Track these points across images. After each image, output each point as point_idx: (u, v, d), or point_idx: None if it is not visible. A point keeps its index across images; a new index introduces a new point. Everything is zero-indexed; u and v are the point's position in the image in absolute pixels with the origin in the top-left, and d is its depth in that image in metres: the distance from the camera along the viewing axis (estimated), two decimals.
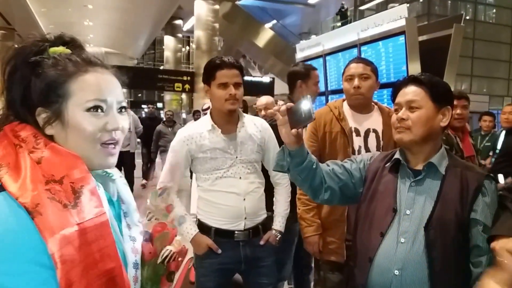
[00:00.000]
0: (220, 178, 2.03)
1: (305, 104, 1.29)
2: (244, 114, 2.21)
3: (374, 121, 2.21)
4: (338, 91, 5.63)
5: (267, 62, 14.97)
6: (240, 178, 2.02)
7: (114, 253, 0.81)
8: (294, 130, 1.35)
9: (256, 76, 18.36)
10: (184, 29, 21.59)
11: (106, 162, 0.89)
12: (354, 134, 2.17)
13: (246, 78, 15.99)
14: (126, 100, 0.96)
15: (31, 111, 0.86)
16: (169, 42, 20.93)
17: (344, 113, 2.22)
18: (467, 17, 18.05)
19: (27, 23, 20.49)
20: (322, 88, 5.68)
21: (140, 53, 29.40)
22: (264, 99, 4.15)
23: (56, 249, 0.73)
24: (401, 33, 4.35)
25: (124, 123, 0.91)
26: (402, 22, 4.32)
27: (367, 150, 2.16)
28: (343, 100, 2.28)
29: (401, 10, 4.44)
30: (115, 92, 0.90)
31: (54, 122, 0.85)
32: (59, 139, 0.86)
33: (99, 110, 0.86)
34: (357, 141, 2.17)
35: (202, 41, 11.74)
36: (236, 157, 2.05)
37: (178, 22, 20.69)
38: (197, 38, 11.96)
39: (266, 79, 16.50)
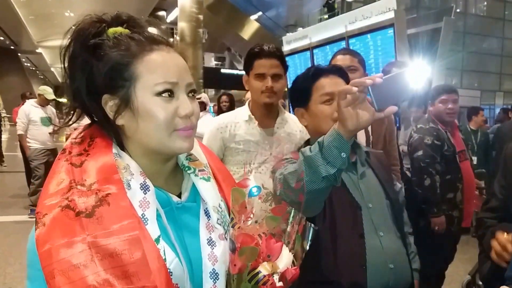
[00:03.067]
0: (250, 173, 1.91)
1: (405, 76, 0.95)
2: (285, 111, 2.07)
3: None
4: None
5: None
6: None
7: (145, 270, 0.72)
8: (377, 113, 0.98)
9: (242, 70, 18.16)
10: (168, 20, 21.26)
11: (184, 145, 0.82)
12: None
13: (231, 71, 15.80)
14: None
15: (97, 100, 0.81)
16: None
17: None
18: (458, 10, 18.06)
19: (7, 14, 20.14)
20: None
21: None
22: None
23: (45, 263, 0.71)
24: (390, 25, 4.26)
25: (196, 107, 0.84)
26: (391, 15, 4.23)
27: None
28: None
29: (390, 2, 4.32)
30: (184, 73, 0.82)
31: (124, 110, 0.80)
32: (130, 129, 0.82)
33: (169, 94, 0.79)
34: None
35: (186, 33, 11.50)
36: (271, 153, 1.93)
37: (162, 13, 20.38)
38: (181, 29, 11.71)
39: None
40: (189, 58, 0.90)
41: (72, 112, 0.85)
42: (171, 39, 0.88)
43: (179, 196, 0.88)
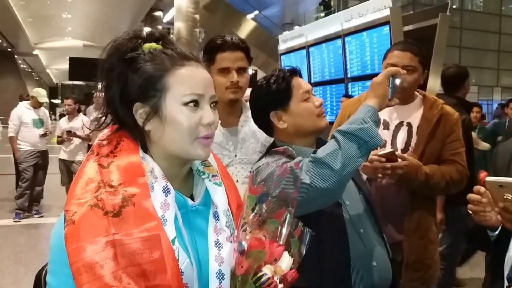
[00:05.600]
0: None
1: (394, 82, 1.32)
2: (249, 106, 1.97)
3: (412, 113, 1.94)
4: (322, 83, 5.51)
5: None
6: (237, 181, 1.67)
7: (162, 269, 0.77)
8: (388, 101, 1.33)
9: None
10: (164, 20, 21.24)
11: (202, 153, 0.89)
12: (382, 126, 1.92)
13: None
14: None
15: (129, 108, 0.88)
16: None
17: None
18: (454, 6, 18.05)
19: (5, 16, 20.09)
20: (305, 80, 5.57)
21: None
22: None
23: (73, 260, 0.75)
24: (386, 23, 4.27)
25: (217, 118, 0.92)
26: (387, 12, 4.23)
27: (394, 145, 1.92)
28: None
29: (385, 0, 4.32)
30: (209, 86, 0.91)
31: (152, 117, 0.87)
32: (155, 134, 0.89)
33: (195, 104, 0.87)
34: (383, 135, 1.90)
35: (182, 33, 11.49)
36: (235, 155, 1.75)
37: (158, 13, 20.36)
38: (178, 29, 11.70)
39: (249, 71, 16.28)
40: None
41: (104, 117, 0.93)
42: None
43: (190, 197, 0.94)
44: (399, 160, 1.72)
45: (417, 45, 1.93)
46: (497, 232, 1.35)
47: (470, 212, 1.30)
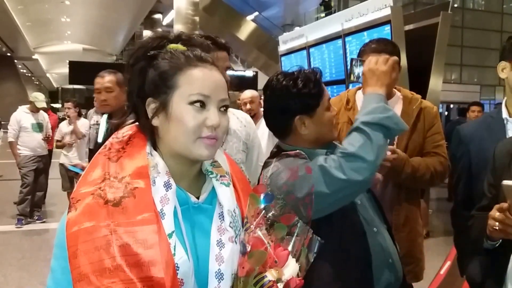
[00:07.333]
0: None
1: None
2: None
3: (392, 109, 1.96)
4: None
5: (250, 55, 14.73)
6: None
7: (155, 262, 0.78)
8: None
9: (238, 70, 18.14)
10: (164, 23, 21.25)
11: (205, 153, 0.89)
12: None
13: (228, 72, 15.71)
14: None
15: (143, 102, 0.92)
16: None
17: (355, 101, 2.00)
18: (455, 5, 18.01)
19: (4, 21, 20.11)
20: None
21: (119, 49, 28.96)
22: (249, 93, 4.03)
23: (70, 244, 0.79)
24: (387, 22, 4.23)
25: (225, 121, 0.92)
26: (387, 11, 4.20)
27: None
28: (358, 88, 2.06)
29: None
30: (219, 90, 0.91)
31: (160, 113, 0.90)
32: (162, 130, 0.91)
33: (201, 105, 0.88)
34: None
35: None
36: None
37: (158, 16, 20.37)
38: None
39: (249, 73, 16.29)
40: None
41: (127, 110, 0.98)
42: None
43: (199, 198, 0.95)
44: (389, 152, 1.72)
45: (390, 43, 1.96)
46: (498, 243, 1.31)
47: (496, 228, 1.21)
